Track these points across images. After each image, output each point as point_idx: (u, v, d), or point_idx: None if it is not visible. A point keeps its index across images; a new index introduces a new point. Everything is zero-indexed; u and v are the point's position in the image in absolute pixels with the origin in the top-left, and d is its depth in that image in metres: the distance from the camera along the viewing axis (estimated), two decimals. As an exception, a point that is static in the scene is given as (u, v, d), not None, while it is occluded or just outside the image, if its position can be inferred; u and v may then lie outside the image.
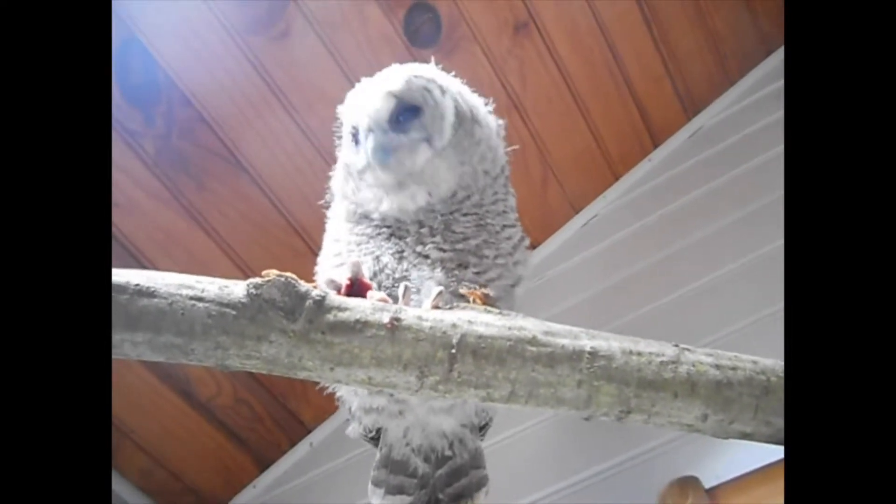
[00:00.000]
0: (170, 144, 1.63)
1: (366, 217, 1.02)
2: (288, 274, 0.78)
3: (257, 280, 0.78)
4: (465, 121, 1.02)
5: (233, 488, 1.90)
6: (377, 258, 0.98)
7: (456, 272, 0.96)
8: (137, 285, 0.76)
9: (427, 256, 0.96)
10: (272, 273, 0.78)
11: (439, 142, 0.99)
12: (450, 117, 1.00)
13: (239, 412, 1.84)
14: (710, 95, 2.04)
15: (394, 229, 1.00)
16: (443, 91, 1.01)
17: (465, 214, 1.00)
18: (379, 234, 1.00)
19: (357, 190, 1.03)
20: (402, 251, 0.98)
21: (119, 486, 1.77)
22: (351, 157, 1.04)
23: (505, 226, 1.02)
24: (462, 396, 0.82)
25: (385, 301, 0.85)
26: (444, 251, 0.95)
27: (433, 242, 0.97)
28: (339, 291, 0.89)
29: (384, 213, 1.00)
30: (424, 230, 0.98)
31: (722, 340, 1.43)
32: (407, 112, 0.98)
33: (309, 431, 1.93)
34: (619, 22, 1.86)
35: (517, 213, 1.08)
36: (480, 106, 1.08)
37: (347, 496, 1.68)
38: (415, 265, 0.96)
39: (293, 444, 1.93)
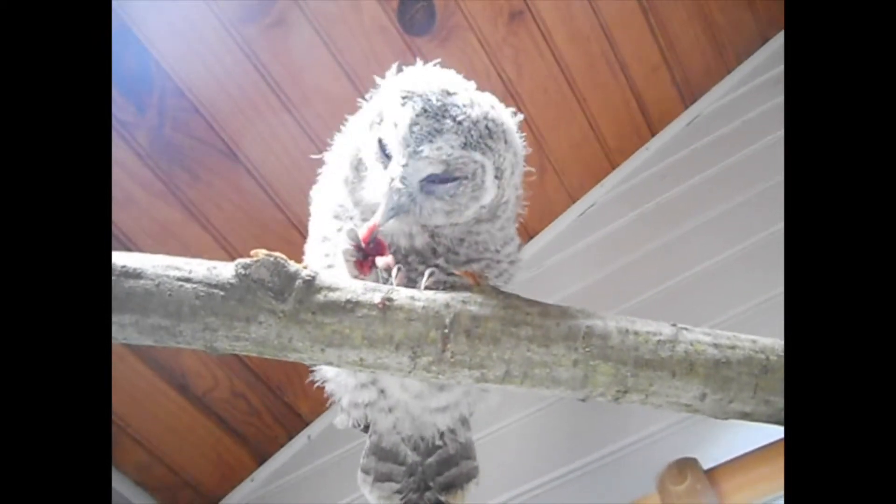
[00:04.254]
0: (163, 136, 1.61)
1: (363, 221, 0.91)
2: (277, 254, 0.77)
3: (246, 260, 0.77)
4: (497, 205, 0.90)
5: (230, 482, 1.89)
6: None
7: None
8: (124, 266, 0.75)
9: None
10: (261, 253, 0.77)
11: (458, 218, 0.87)
12: (484, 201, 0.87)
13: (236, 405, 1.83)
14: (707, 83, 2.03)
15: (395, 246, 0.90)
16: (499, 173, 0.86)
17: (471, 238, 0.92)
18: None
19: (361, 190, 0.91)
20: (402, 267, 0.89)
21: (115, 480, 1.76)
22: (370, 158, 0.89)
23: (505, 242, 0.96)
24: (456, 377, 0.81)
25: (391, 266, 0.83)
26: (449, 274, 0.89)
27: (436, 265, 0.90)
28: (359, 244, 0.86)
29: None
30: (427, 251, 0.91)
31: (721, 326, 1.41)
32: (446, 178, 0.84)
33: (307, 424, 1.92)
34: (615, 9, 1.85)
35: (517, 221, 1.00)
36: (520, 163, 0.93)
37: (346, 489, 1.68)
38: (414, 282, 0.88)
39: (291, 437, 1.91)
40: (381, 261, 0.86)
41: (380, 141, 0.86)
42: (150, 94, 1.58)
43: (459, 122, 0.82)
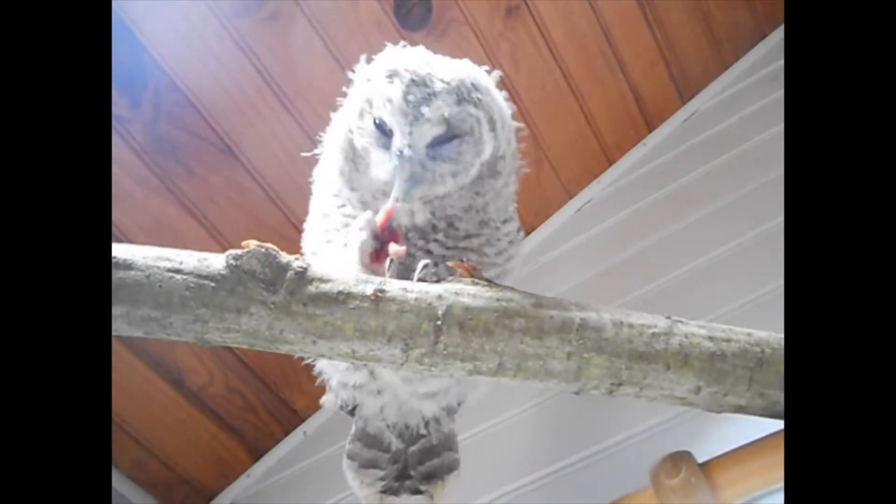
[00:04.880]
0: (158, 131, 1.61)
1: (361, 202, 0.95)
2: (268, 245, 0.77)
3: (237, 251, 0.76)
4: (496, 159, 0.93)
5: (226, 478, 1.88)
6: None
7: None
8: (114, 257, 0.75)
9: (430, 252, 0.93)
10: (252, 244, 0.76)
11: (464, 178, 0.91)
12: (485, 155, 0.91)
13: (231, 401, 1.82)
14: (704, 79, 2.03)
15: (397, 223, 0.92)
16: (492, 125, 0.91)
17: (469, 211, 0.95)
18: None
19: (358, 177, 0.94)
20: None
21: (112, 477, 1.76)
22: (370, 145, 0.91)
23: (505, 220, 0.99)
24: (448, 370, 0.80)
25: (402, 255, 0.85)
26: (448, 248, 0.92)
27: (436, 240, 0.93)
28: (376, 233, 0.88)
29: None
30: (427, 226, 0.93)
31: (718, 321, 1.40)
32: (449, 138, 0.88)
33: (302, 420, 1.91)
34: (613, 5, 1.84)
35: (515, 202, 1.03)
36: (507, 116, 0.97)
37: (341, 484, 1.66)
38: (416, 259, 0.90)
39: (287, 433, 1.91)
40: (393, 249, 0.86)
41: (375, 122, 0.89)
42: (144, 89, 1.57)
43: (448, 83, 0.87)
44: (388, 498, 1.08)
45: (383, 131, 0.89)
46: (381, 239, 0.88)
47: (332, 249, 0.94)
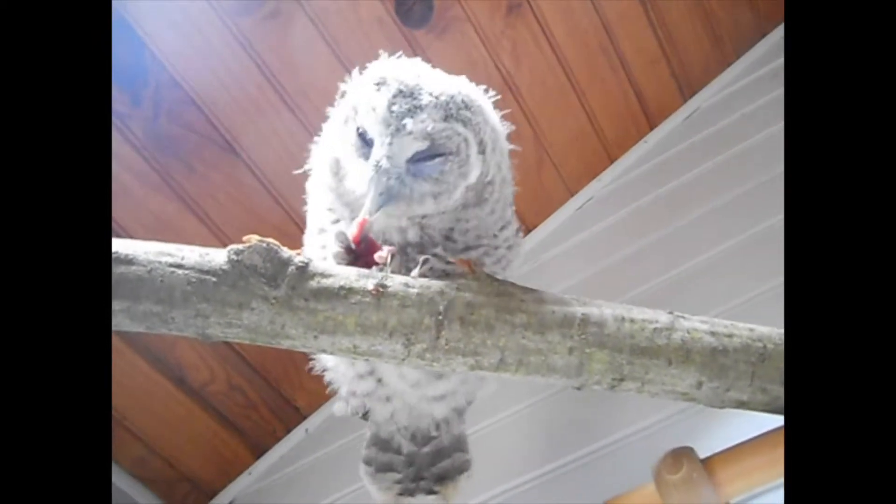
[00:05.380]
0: (158, 127, 1.61)
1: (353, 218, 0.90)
2: (269, 240, 0.77)
3: (238, 246, 0.76)
4: (483, 185, 0.89)
5: (228, 475, 1.89)
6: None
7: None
8: (115, 252, 0.75)
9: (430, 267, 0.89)
10: (253, 238, 0.76)
11: (447, 201, 0.86)
12: (471, 178, 0.87)
13: (233, 399, 1.83)
14: (705, 77, 2.02)
15: (390, 242, 0.89)
16: (482, 147, 0.86)
17: (460, 226, 0.91)
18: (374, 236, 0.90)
19: (345, 192, 0.90)
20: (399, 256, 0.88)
21: (113, 474, 1.76)
22: (350, 154, 0.87)
23: (502, 227, 0.95)
24: (450, 365, 0.80)
25: (393, 254, 0.83)
26: (448, 263, 0.88)
27: (435, 255, 0.89)
28: (349, 246, 0.85)
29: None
30: (425, 239, 0.90)
31: (720, 317, 1.41)
32: (432, 155, 0.83)
33: (304, 418, 1.91)
34: (614, 2, 1.84)
35: (513, 205, 0.99)
36: (501, 139, 0.92)
37: (343, 482, 1.68)
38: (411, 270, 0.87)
39: (288, 430, 1.91)
40: (378, 256, 0.85)
41: (358, 130, 0.85)
42: (145, 86, 1.57)
43: (437, 97, 0.83)
44: (405, 499, 1.07)
45: (365, 141, 0.85)
46: (357, 252, 0.85)
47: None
